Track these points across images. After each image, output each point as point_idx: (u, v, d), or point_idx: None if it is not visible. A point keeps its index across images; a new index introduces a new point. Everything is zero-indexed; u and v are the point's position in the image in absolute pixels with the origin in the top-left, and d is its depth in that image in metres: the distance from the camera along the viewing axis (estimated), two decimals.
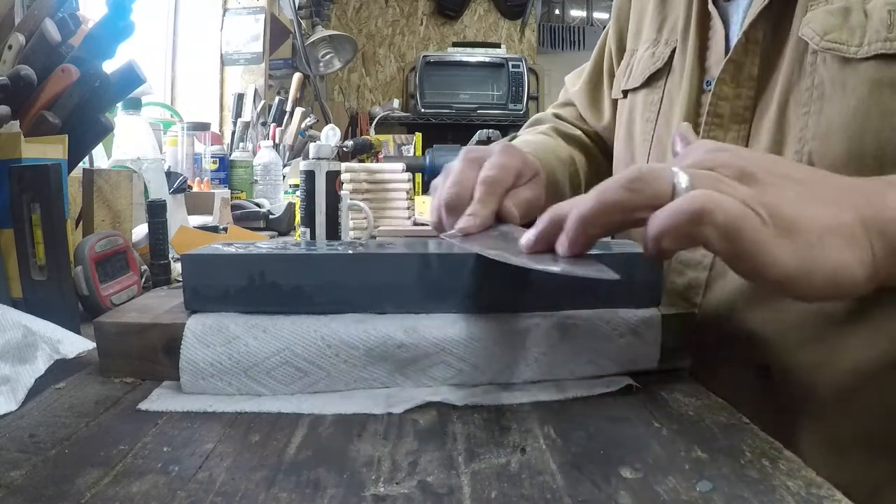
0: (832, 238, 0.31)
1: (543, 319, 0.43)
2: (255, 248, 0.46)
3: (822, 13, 0.45)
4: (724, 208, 0.30)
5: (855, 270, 0.31)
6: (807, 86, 0.46)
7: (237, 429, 0.36)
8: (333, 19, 3.23)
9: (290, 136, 1.87)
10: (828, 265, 0.30)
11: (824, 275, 0.31)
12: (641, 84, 0.63)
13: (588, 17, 4.37)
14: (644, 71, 0.63)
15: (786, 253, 0.30)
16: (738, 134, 0.52)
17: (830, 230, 0.31)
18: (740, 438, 0.34)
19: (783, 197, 0.31)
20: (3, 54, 0.65)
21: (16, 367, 0.40)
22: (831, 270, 0.31)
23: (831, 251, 0.31)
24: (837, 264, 0.31)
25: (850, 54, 0.44)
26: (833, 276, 0.31)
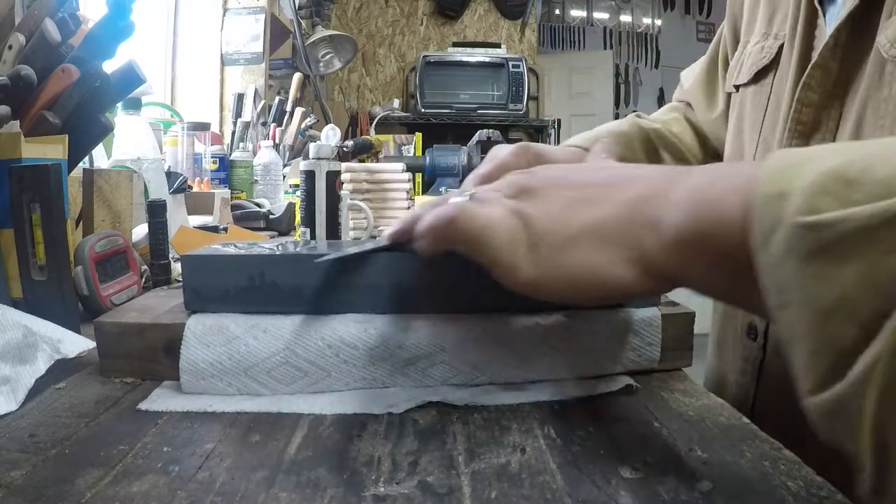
0: (581, 242, 0.31)
1: (543, 320, 0.43)
2: (255, 248, 0.46)
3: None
4: (473, 216, 0.32)
5: (612, 271, 0.30)
6: (884, 96, 0.44)
7: (237, 429, 0.36)
8: (333, 19, 3.23)
9: (290, 136, 1.87)
10: (568, 271, 0.31)
11: (569, 277, 0.31)
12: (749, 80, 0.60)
13: (588, 17, 4.37)
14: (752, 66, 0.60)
15: (525, 262, 0.32)
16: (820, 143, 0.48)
17: (581, 234, 0.31)
18: (740, 438, 0.34)
19: (544, 208, 0.33)
20: (3, 54, 0.65)
21: (16, 367, 0.40)
22: (576, 273, 0.31)
23: (576, 256, 0.31)
24: (583, 268, 0.31)
25: None
26: (580, 277, 0.31)
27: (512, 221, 0.33)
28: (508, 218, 0.33)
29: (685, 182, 0.29)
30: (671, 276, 0.30)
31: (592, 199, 0.32)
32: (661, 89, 4.37)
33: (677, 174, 0.31)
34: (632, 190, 0.31)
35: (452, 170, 1.72)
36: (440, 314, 0.43)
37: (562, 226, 0.32)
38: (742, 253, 0.24)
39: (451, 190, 0.40)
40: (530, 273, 0.32)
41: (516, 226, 0.32)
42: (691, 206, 0.28)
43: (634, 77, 4.41)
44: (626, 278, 0.30)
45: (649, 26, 4.41)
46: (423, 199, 1.48)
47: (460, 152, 1.74)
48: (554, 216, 0.32)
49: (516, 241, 0.32)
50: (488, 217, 0.33)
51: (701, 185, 0.28)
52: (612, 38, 4.39)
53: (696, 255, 0.28)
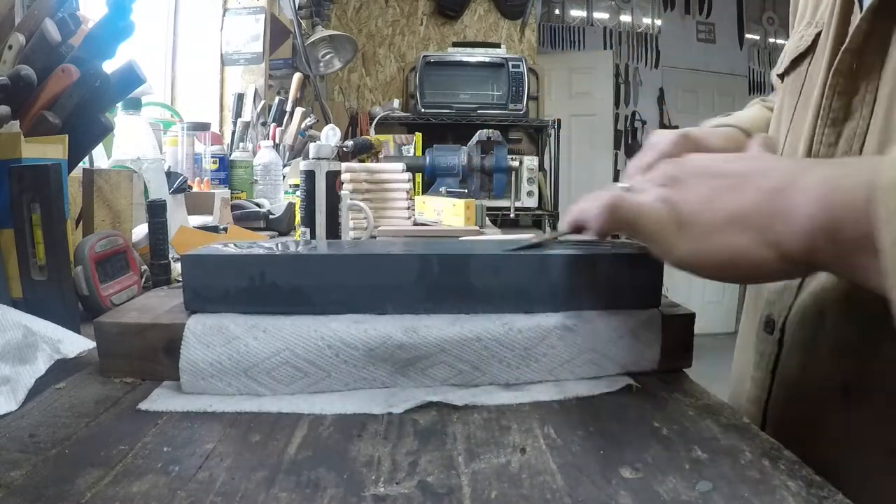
0: (726, 228, 0.35)
1: (544, 320, 0.43)
2: (255, 248, 0.46)
3: None
4: (627, 204, 0.38)
5: (754, 253, 0.34)
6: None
7: (237, 429, 0.36)
8: (333, 19, 3.23)
9: (290, 136, 1.87)
10: (717, 251, 0.35)
11: (716, 259, 0.35)
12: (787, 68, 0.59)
13: (588, 17, 4.37)
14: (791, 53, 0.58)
15: (679, 241, 0.36)
16: (853, 132, 0.47)
17: (727, 219, 0.35)
18: (740, 438, 0.34)
19: (691, 194, 0.37)
20: (3, 54, 0.65)
21: (16, 367, 0.40)
22: (722, 255, 0.35)
23: (722, 239, 0.35)
24: (729, 249, 0.35)
25: None
26: (725, 259, 0.35)
27: (661, 207, 0.37)
28: (658, 204, 0.37)
29: (815, 174, 0.33)
30: (804, 259, 0.33)
31: (733, 189, 0.36)
32: (661, 89, 4.37)
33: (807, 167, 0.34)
34: (768, 181, 0.35)
35: (452, 170, 1.73)
36: (440, 314, 0.43)
37: (707, 212, 0.36)
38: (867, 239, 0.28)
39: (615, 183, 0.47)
40: (682, 252, 0.36)
41: (665, 211, 0.37)
42: (821, 198, 0.31)
43: (634, 77, 4.40)
44: (764, 260, 0.34)
45: (649, 26, 4.40)
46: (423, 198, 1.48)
47: (460, 152, 1.74)
48: (700, 203, 0.36)
49: (665, 224, 0.37)
50: (640, 204, 0.38)
51: (829, 178, 0.32)
52: (612, 38, 4.39)
53: (829, 242, 0.31)
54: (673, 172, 0.39)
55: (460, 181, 1.73)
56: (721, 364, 0.91)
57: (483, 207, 1.44)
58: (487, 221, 1.56)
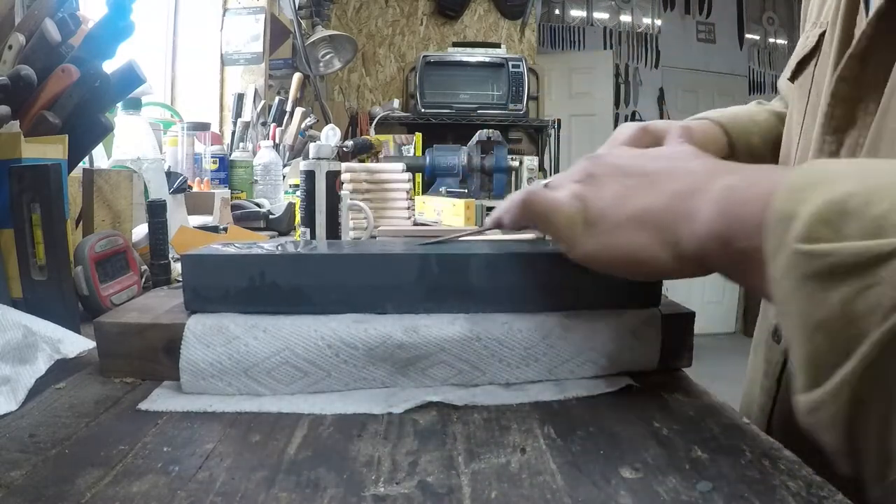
0: (629, 225, 0.36)
1: (544, 319, 0.43)
2: (255, 248, 0.46)
3: None
4: (540, 199, 0.39)
5: (650, 251, 0.35)
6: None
7: (237, 429, 0.36)
8: (333, 19, 3.23)
9: (290, 136, 1.87)
10: (618, 247, 0.36)
11: (615, 254, 0.36)
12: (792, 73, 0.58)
13: (588, 17, 4.37)
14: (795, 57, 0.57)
15: (585, 237, 0.37)
16: (855, 140, 0.45)
17: (631, 218, 0.36)
18: (740, 438, 0.34)
19: (603, 192, 0.38)
20: (3, 54, 0.65)
21: (16, 367, 0.40)
22: (621, 251, 0.36)
23: (625, 236, 0.36)
24: (629, 247, 0.36)
25: None
26: (624, 255, 0.36)
27: (573, 203, 0.38)
28: (570, 200, 0.38)
29: (722, 181, 0.33)
30: (697, 261, 0.33)
31: (644, 188, 0.36)
32: (661, 89, 4.37)
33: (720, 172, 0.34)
34: (678, 183, 0.35)
35: (452, 170, 1.72)
36: (440, 314, 0.43)
37: (615, 209, 0.37)
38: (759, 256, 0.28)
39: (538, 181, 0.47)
40: (585, 247, 0.37)
41: (576, 207, 0.38)
42: (721, 207, 0.31)
43: (634, 77, 4.40)
44: (662, 260, 0.35)
45: (649, 26, 4.40)
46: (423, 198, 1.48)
47: (460, 152, 1.74)
48: (609, 201, 0.37)
49: (574, 220, 0.38)
50: (553, 200, 0.39)
51: (733, 187, 0.32)
52: (612, 38, 4.39)
53: (722, 249, 0.31)
54: (590, 169, 0.40)
55: (460, 181, 1.73)
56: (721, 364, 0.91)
57: (483, 207, 1.44)
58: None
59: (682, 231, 0.34)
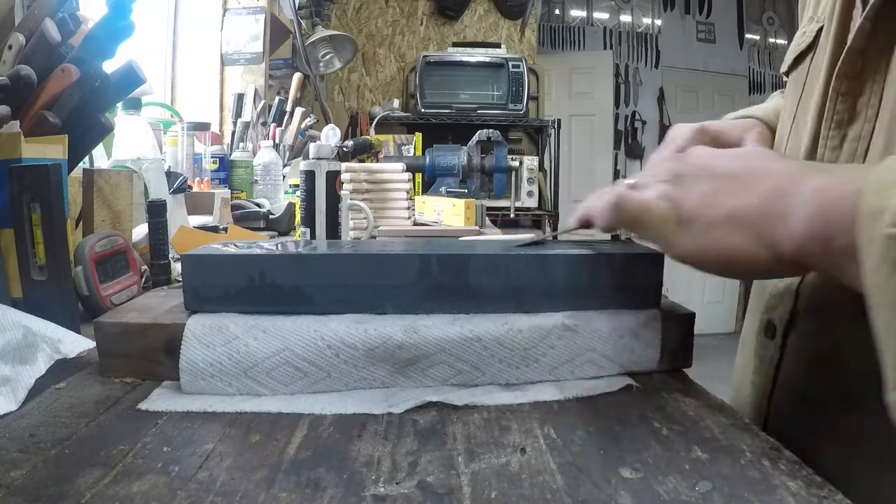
0: (724, 225, 0.36)
1: (544, 319, 0.43)
2: (255, 248, 0.46)
3: None
4: (631, 200, 0.39)
5: (750, 251, 0.36)
6: None
7: (237, 429, 0.36)
8: (333, 19, 3.23)
9: (290, 136, 1.87)
10: (716, 248, 0.37)
11: (714, 254, 0.37)
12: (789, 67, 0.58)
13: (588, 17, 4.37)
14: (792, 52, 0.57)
15: (681, 237, 0.38)
16: (858, 133, 0.46)
17: (724, 219, 0.36)
18: (740, 438, 0.34)
19: (692, 192, 0.38)
20: (3, 54, 0.65)
21: (16, 367, 0.40)
22: (720, 251, 0.37)
23: (721, 236, 0.36)
24: (727, 246, 0.36)
25: None
26: (724, 255, 0.36)
27: (663, 204, 0.39)
28: (660, 201, 0.39)
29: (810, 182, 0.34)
30: (797, 261, 0.34)
31: (733, 188, 0.37)
32: (661, 89, 4.37)
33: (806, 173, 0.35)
34: (767, 183, 0.36)
35: (452, 170, 1.72)
36: (440, 314, 0.43)
37: (707, 209, 0.37)
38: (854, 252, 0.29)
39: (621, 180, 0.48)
40: (683, 247, 0.38)
41: (666, 207, 0.38)
42: (814, 208, 0.33)
43: (634, 77, 4.40)
44: (759, 258, 0.35)
45: (649, 26, 4.40)
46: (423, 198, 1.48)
47: (460, 152, 1.74)
48: (700, 200, 0.38)
49: (666, 220, 0.38)
50: (642, 201, 0.39)
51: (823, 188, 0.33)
52: (612, 38, 4.39)
53: (820, 249, 0.32)
54: (676, 169, 0.40)
55: (460, 181, 1.73)
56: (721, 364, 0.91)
57: (483, 207, 1.44)
58: (487, 221, 1.56)
59: (778, 231, 0.34)
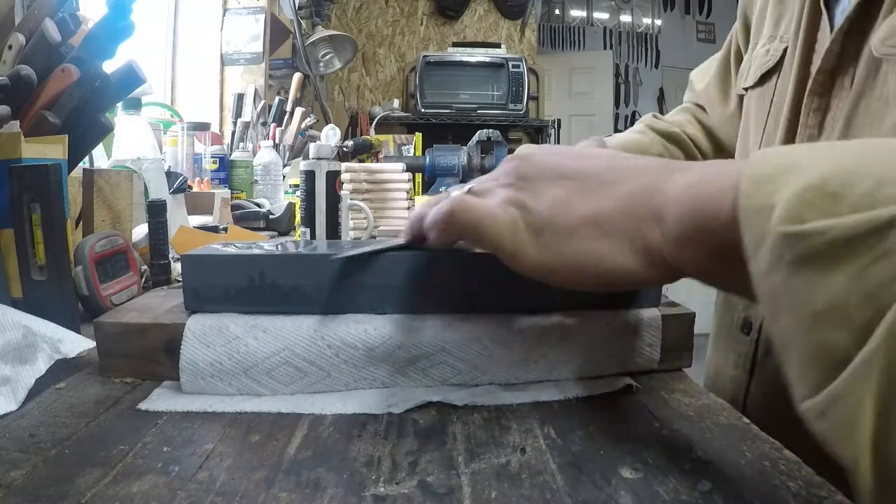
0: (586, 231, 0.32)
1: (544, 319, 0.43)
2: (255, 248, 0.46)
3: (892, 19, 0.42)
4: (468, 208, 0.34)
5: (616, 260, 0.31)
6: (877, 96, 0.44)
7: (237, 429, 0.36)
8: (333, 19, 3.23)
9: (290, 136, 1.87)
10: (574, 257, 0.32)
11: (571, 265, 0.32)
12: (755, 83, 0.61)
13: (588, 17, 4.37)
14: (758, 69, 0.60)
15: (530, 247, 0.33)
16: None
17: (583, 223, 0.32)
18: (740, 438, 0.34)
19: (542, 196, 0.34)
20: (3, 54, 0.65)
21: (16, 367, 0.40)
22: (578, 260, 0.32)
23: (580, 244, 0.32)
24: (588, 255, 0.32)
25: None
26: (586, 266, 0.32)
27: (509, 210, 0.34)
28: (505, 206, 0.34)
29: (681, 178, 0.30)
30: (675, 266, 0.30)
31: (592, 189, 0.33)
32: (661, 89, 4.37)
33: (671, 169, 0.31)
34: (632, 183, 0.32)
35: (452, 170, 1.73)
36: (440, 314, 0.43)
37: (564, 214, 0.33)
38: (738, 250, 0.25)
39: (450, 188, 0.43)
40: (537, 258, 0.33)
41: (514, 214, 0.34)
42: (689, 203, 0.29)
43: (634, 77, 4.41)
44: (630, 267, 0.31)
45: (649, 26, 4.40)
46: (423, 198, 1.48)
47: (460, 152, 1.74)
48: (554, 204, 0.33)
49: (516, 228, 0.33)
50: (485, 207, 0.34)
51: (694, 183, 0.29)
52: (612, 38, 4.39)
53: (697, 248, 0.28)
54: (520, 171, 0.36)
55: (460, 181, 1.73)
56: None
57: None
58: None
59: (649, 235, 0.30)
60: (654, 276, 0.31)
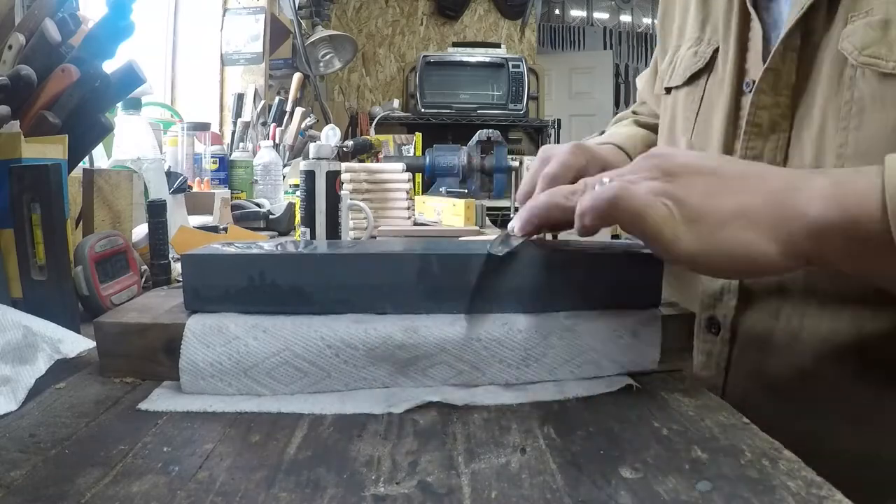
0: (735, 222, 0.36)
1: (544, 319, 0.43)
2: (255, 248, 0.46)
3: (861, 26, 0.44)
4: (631, 196, 0.36)
5: (761, 248, 0.35)
6: (846, 100, 0.46)
7: (237, 429, 0.36)
8: (333, 19, 3.23)
9: (290, 136, 1.87)
10: (727, 246, 0.36)
11: (726, 254, 0.36)
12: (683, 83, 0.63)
13: (588, 17, 4.37)
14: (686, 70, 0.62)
15: (686, 236, 0.36)
16: (776, 144, 0.51)
17: (734, 215, 0.36)
18: (740, 438, 0.34)
19: (692, 190, 0.37)
20: (3, 54, 0.65)
21: (16, 367, 0.40)
22: (732, 250, 0.36)
23: (732, 234, 0.35)
24: (739, 244, 0.35)
25: (888, 69, 0.43)
26: (736, 254, 0.36)
27: (665, 201, 0.37)
28: (659, 198, 0.37)
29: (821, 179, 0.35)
30: (809, 256, 0.35)
31: (736, 187, 0.37)
32: None
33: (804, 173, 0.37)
34: (774, 181, 0.37)
35: (452, 170, 1.73)
36: (440, 314, 0.43)
37: (716, 207, 0.36)
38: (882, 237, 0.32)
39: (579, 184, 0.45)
40: (692, 246, 0.36)
41: (670, 205, 0.36)
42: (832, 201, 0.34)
43: (634, 77, 4.41)
44: (772, 254, 0.35)
45: (649, 26, 4.40)
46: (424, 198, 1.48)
47: (460, 152, 1.74)
48: (705, 198, 0.36)
49: (672, 218, 0.36)
50: (647, 198, 0.36)
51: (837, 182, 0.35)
52: (612, 38, 4.39)
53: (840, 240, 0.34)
54: (663, 166, 0.38)
55: (460, 181, 1.73)
56: None
57: (483, 207, 1.44)
58: (487, 221, 1.56)
59: (793, 226, 0.35)
60: (790, 265, 0.36)
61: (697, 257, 0.36)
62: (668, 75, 0.66)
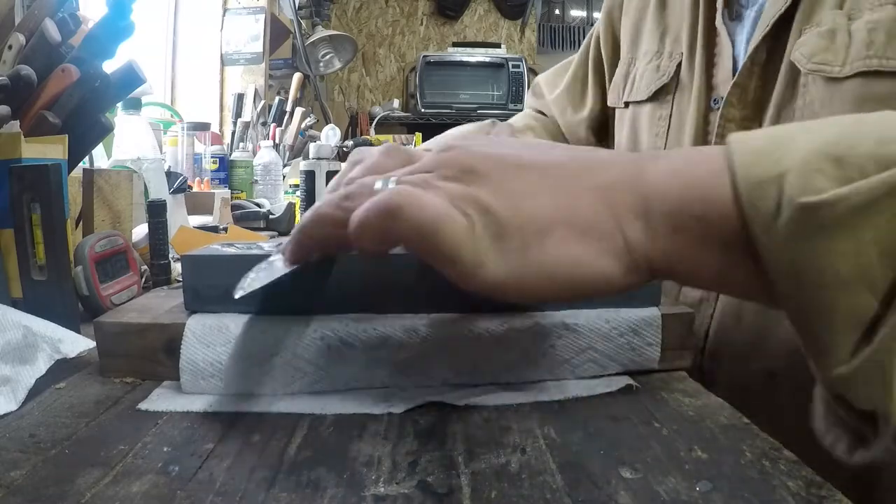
0: (556, 232, 0.26)
1: (544, 319, 0.43)
2: (255, 248, 0.46)
3: (813, 36, 0.47)
4: (418, 205, 0.26)
5: (598, 262, 0.26)
6: (798, 106, 0.48)
7: (237, 429, 0.36)
8: (333, 19, 3.23)
9: (290, 136, 1.87)
10: (551, 264, 0.26)
11: (546, 276, 0.26)
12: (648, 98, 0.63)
13: (588, 17, 4.37)
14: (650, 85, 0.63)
15: (491, 256, 0.26)
16: None
17: (556, 222, 0.27)
18: (740, 438, 0.34)
19: (501, 193, 0.27)
20: (3, 54, 0.65)
21: (16, 367, 0.40)
22: (553, 269, 0.26)
23: (552, 249, 0.26)
24: (562, 261, 0.26)
25: (834, 74, 0.45)
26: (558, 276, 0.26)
27: (466, 209, 0.27)
28: (459, 205, 0.27)
29: (664, 166, 0.27)
30: (657, 265, 0.27)
31: (558, 184, 0.28)
32: None
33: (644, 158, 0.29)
34: (605, 174, 0.28)
35: None
36: (440, 314, 0.43)
37: (530, 214, 0.27)
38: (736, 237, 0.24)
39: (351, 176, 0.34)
40: (500, 270, 0.26)
41: (472, 215, 0.27)
42: (678, 191, 0.26)
43: None
44: (610, 271, 0.27)
45: None
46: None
47: None
48: (518, 202, 0.27)
49: (476, 233, 0.26)
50: (441, 206, 0.26)
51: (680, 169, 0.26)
52: None
53: (689, 241, 0.26)
54: (463, 161, 0.28)
55: None
56: None
57: None
58: None
59: (630, 232, 0.26)
60: (632, 281, 0.27)
61: (508, 284, 0.26)
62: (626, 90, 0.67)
